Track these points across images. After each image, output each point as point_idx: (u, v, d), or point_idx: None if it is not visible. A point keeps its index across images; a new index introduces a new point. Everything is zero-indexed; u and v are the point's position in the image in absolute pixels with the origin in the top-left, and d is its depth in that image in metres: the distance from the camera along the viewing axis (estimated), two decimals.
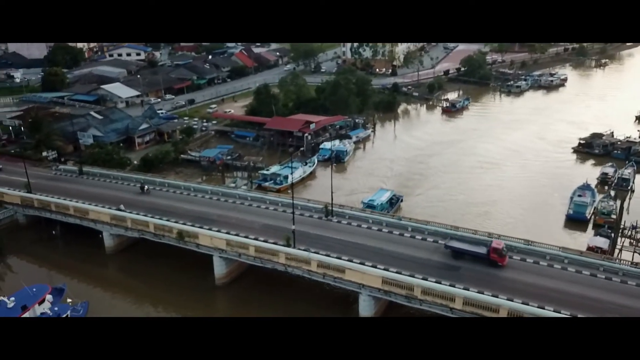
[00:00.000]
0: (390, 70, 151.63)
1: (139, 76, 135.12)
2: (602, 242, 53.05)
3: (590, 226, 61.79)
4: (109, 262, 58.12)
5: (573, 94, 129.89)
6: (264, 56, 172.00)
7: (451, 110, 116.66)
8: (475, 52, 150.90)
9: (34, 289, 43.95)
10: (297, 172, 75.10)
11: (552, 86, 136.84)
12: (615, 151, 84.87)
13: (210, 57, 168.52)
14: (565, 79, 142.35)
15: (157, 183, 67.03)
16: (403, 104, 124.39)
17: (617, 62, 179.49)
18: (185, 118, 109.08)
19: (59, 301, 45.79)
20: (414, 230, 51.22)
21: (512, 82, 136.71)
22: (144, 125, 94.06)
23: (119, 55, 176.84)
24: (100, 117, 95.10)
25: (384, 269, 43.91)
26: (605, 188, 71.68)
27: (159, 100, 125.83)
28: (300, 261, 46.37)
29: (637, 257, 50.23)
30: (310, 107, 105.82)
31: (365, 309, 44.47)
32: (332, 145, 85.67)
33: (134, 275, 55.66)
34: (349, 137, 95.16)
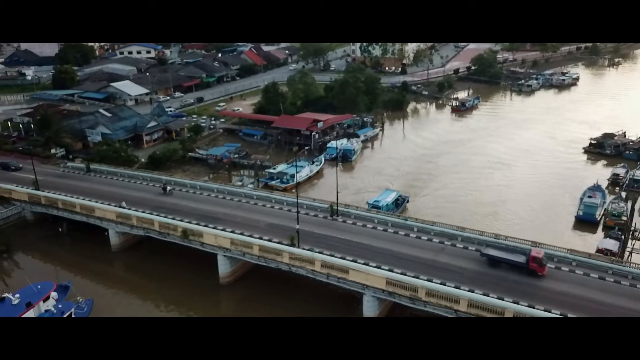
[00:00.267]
0: (399, 69, 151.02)
1: (149, 74, 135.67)
2: (612, 244, 52.17)
3: (600, 228, 60.87)
4: (114, 259, 58.35)
5: (585, 94, 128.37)
6: (274, 54, 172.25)
7: (461, 109, 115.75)
8: (486, 50, 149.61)
9: (39, 286, 44.11)
10: (304, 171, 74.89)
11: (563, 85, 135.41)
12: (627, 152, 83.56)
13: (219, 55, 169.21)
14: (577, 78, 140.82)
15: (164, 181, 67.05)
16: (412, 103, 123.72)
17: (630, 61, 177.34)
18: (194, 116, 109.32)
19: (64, 298, 46.04)
20: (419, 231, 50.72)
21: (523, 81, 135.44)
22: (152, 123, 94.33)
23: (129, 53, 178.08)
24: (108, 114, 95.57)
25: (388, 269, 43.49)
26: (616, 189, 70.55)
27: (168, 98, 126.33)
28: (304, 261, 46.06)
29: None
30: (319, 106, 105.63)
31: (369, 310, 44.08)
32: (337, 144, 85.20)
33: (138, 273, 55.89)
34: (357, 136, 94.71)
